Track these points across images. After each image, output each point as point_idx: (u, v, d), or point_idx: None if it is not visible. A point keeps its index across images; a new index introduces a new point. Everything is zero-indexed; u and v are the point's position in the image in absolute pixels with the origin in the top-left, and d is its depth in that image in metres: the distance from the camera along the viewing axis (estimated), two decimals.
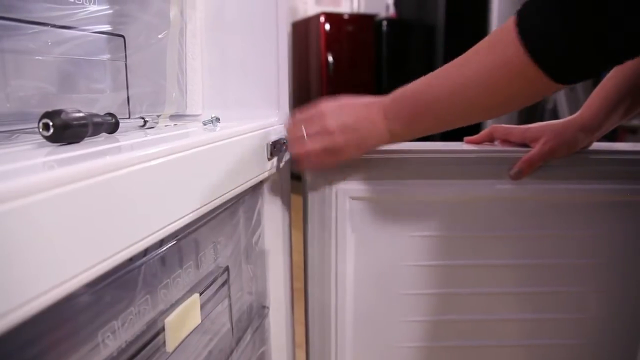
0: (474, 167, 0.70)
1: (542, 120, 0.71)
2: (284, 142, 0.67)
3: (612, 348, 0.77)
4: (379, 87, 3.93)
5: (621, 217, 0.72)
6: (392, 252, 0.73)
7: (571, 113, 0.69)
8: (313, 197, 0.71)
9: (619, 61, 0.47)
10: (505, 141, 0.73)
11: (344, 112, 0.59)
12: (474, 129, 0.69)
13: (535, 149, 0.68)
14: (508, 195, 0.70)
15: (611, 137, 0.70)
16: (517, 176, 0.69)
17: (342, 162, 0.64)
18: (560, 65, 0.47)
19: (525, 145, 0.70)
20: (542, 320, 0.76)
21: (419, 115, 0.57)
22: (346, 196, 0.70)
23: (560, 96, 2.96)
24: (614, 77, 0.66)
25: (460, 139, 0.77)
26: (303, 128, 0.60)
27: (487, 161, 0.70)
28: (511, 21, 0.49)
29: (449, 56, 0.54)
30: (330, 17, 3.82)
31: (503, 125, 0.73)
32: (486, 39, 0.52)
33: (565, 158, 0.68)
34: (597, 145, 0.71)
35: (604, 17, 0.43)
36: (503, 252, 0.74)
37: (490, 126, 0.74)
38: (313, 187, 0.70)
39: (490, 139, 0.75)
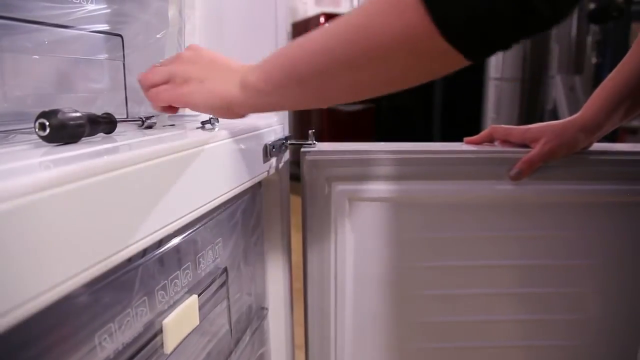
0: (473, 168, 0.69)
1: (541, 121, 0.71)
2: (283, 142, 0.67)
3: (610, 349, 0.77)
4: None
5: (621, 218, 0.72)
6: (391, 253, 0.73)
7: (571, 113, 0.69)
8: (312, 198, 0.71)
9: (535, 30, 0.37)
10: (505, 142, 0.73)
11: (217, 54, 0.53)
12: (474, 129, 0.69)
13: (535, 150, 0.67)
14: (508, 195, 0.70)
15: (611, 137, 0.70)
16: (517, 177, 0.68)
17: (186, 102, 0.53)
18: (469, 33, 0.36)
19: (525, 145, 0.70)
20: (540, 321, 0.76)
21: (278, 73, 0.47)
22: (345, 197, 0.70)
23: (560, 97, 2.96)
24: (614, 78, 0.66)
25: (460, 140, 0.77)
26: (160, 72, 0.52)
27: (487, 162, 0.69)
28: None
29: None
30: (330, 17, 3.81)
31: (503, 125, 0.73)
32: None
33: (565, 159, 0.68)
34: (596, 146, 0.71)
35: None
36: (502, 252, 0.73)
37: (490, 127, 0.74)
38: (312, 188, 0.70)
39: (490, 140, 0.74)
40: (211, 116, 0.61)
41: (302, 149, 0.70)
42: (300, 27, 4.09)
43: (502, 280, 0.75)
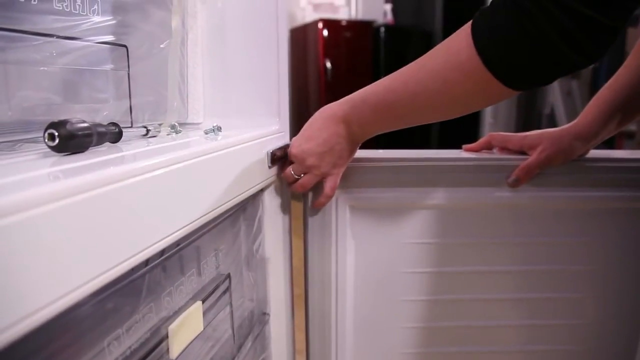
0: (472, 175, 0.70)
1: (539, 126, 0.72)
2: (285, 153, 0.68)
3: (609, 354, 0.78)
4: None
5: (618, 224, 0.73)
6: (392, 259, 0.74)
7: (568, 118, 0.70)
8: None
9: (567, 71, 0.47)
10: (503, 149, 0.74)
11: (314, 143, 0.63)
12: (472, 134, 0.70)
13: (532, 157, 0.68)
14: (506, 202, 0.71)
15: (609, 142, 0.71)
16: (515, 184, 0.69)
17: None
18: (510, 71, 0.47)
19: (523, 152, 0.71)
20: (539, 326, 0.77)
21: (381, 118, 0.60)
22: (346, 204, 0.71)
23: (558, 102, 2.97)
24: (610, 87, 0.67)
25: (458, 145, 0.78)
26: (293, 173, 0.66)
27: (485, 169, 0.70)
28: (468, 24, 0.49)
29: None
30: (328, 23, 3.84)
31: (501, 133, 0.74)
32: (444, 41, 0.53)
33: (562, 166, 0.69)
34: (593, 153, 0.72)
35: (556, 25, 0.43)
36: (501, 258, 0.74)
37: (488, 134, 0.75)
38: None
39: (489, 147, 0.75)
40: (214, 125, 0.62)
41: None
42: (298, 33, 4.11)
43: (501, 285, 0.75)
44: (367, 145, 0.67)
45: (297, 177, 0.66)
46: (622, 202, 0.71)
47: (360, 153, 0.72)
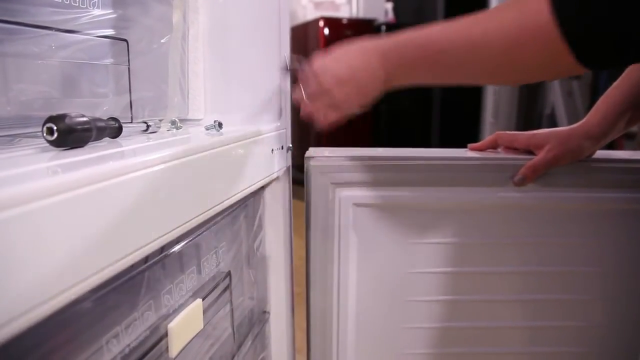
0: (477, 174, 0.69)
1: (539, 126, 0.71)
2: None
3: (615, 356, 0.77)
4: None
5: (625, 226, 0.72)
6: (395, 259, 0.73)
7: (569, 118, 0.69)
8: (316, 204, 0.71)
9: None
10: (510, 148, 0.73)
11: (339, 65, 0.57)
12: (473, 133, 0.69)
13: (539, 156, 0.68)
14: (511, 202, 0.70)
15: (609, 143, 0.70)
16: (521, 182, 0.68)
17: (350, 114, 0.61)
18: (590, 45, 0.43)
19: (529, 152, 0.70)
20: (546, 328, 0.76)
21: (426, 63, 0.53)
22: (350, 203, 0.70)
23: (558, 102, 2.97)
24: (619, 87, 0.66)
25: (458, 144, 0.77)
26: (302, 90, 0.59)
27: (491, 168, 0.70)
28: None
29: None
30: (330, 21, 3.83)
31: (508, 132, 0.73)
32: None
33: (569, 166, 0.68)
34: (600, 154, 0.71)
35: None
36: (506, 259, 0.73)
37: (495, 133, 0.74)
38: (316, 194, 0.70)
39: (494, 146, 0.74)
40: (215, 121, 0.61)
41: (306, 154, 0.70)
42: (299, 31, 4.10)
43: (506, 286, 0.75)
44: (367, 144, 0.66)
45: (302, 96, 0.60)
46: (629, 203, 0.70)
47: (365, 151, 0.71)
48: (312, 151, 0.71)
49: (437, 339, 0.77)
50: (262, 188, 0.69)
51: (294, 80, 0.60)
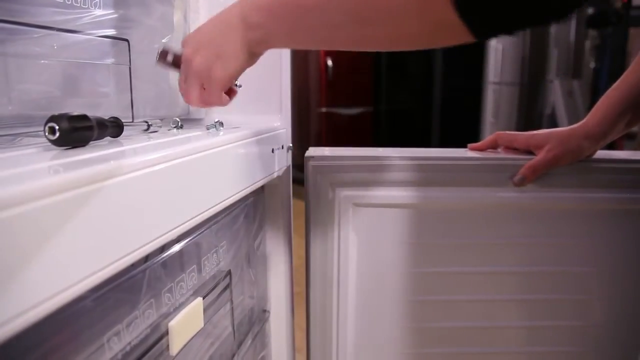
0: (477, 175, 0.70)
1: (540, 126, 0.71)
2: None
3: (613, 355, 0.77)
4: (378, 91, 3.94)
5: (624, 226, 0.72)
6: (395, 258, 0.73)
7: (569, 118, 0.69)
8: (316, 203, 0.71)
9: (542, 20, 0.39)
10: (509, 148, 0.73)
11: (199, 33, 0.51)
12: (473, 133, 0.70)
13: (539, 156, 0.68)
14: (511, 202, 0.70)
15: (609, 143, 0.70)
16: (521, 182, 0.69)
17: (224, 84, 0.52)
18: (482, 13, 0.37)
19: (529, 152, 0.70)
20: (543, 328, 0.77)
21: (285, 15, 0.47)
22: (349, 202, 0.70)
23: (559, 102, 2.97)
24: (619, 88, 0.66)
25: (458, 143, 0.77)
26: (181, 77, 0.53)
27: (490, 168, 0.70)
28: None
29: (448, 60, 0.52)
30: None
31: (508, 132, 0.73)
32: None
33: (568, 166, 0.68)
34: (600, 154, 0.71)
35: None
36: (504, 259, 0.74)
37: (495, 133, 0.74)
38: (316, 193, 0.70)
39: (494, 146, 0.74)
40: (215, 120, 0.62)
41: (306, 154, 0.70)
42: None
43: (505, 286, 0.75)
44: (367, 144, 0.66)
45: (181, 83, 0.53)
46: (628, 203, 0.71)
47: (365, 151, 0.71)
48: (312, 151, 0.71)
49: (437, 337, 0.77)
50: (263, 187, 0.70)
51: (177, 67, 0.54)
